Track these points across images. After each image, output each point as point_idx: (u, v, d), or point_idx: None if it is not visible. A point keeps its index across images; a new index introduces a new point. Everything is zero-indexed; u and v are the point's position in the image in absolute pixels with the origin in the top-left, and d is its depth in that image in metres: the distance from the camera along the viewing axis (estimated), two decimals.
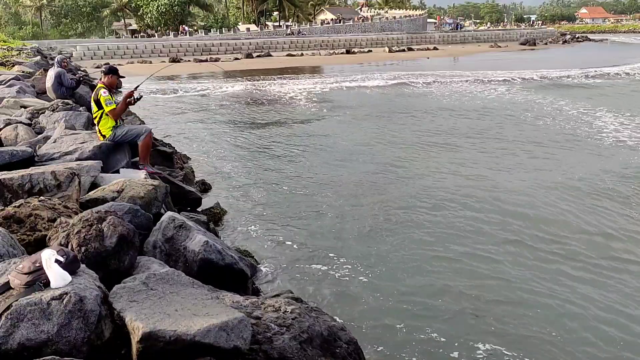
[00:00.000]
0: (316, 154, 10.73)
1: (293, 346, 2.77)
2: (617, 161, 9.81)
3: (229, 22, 70.79)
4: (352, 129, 13.53)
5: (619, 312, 4.61)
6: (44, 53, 30.16)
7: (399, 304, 4.73)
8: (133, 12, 69.23)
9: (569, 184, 8.28)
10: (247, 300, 3.23)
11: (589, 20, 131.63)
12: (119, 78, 6.59)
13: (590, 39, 73.20)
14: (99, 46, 44.87)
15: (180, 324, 2.47)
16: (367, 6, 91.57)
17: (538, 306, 4.69)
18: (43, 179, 4.21)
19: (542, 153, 10.49)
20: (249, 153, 10.99)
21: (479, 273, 5.33)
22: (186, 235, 3.94)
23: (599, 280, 5.19)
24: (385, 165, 9.63)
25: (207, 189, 8.17)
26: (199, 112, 16.79)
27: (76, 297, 2.45)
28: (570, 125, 13.50)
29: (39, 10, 70.05)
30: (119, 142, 6.16)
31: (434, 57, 44.21)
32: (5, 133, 6.52)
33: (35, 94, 10.41)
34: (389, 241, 6.15)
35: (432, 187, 8.19)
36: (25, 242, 3.36)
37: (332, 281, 5.17)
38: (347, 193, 7.99)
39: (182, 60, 41.46)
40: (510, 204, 7.37)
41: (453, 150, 10.84)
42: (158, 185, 4.64)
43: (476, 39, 66.93)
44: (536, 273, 5.32)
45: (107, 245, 3.13)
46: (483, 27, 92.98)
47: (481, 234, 6.36)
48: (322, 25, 67.68)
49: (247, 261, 4.34)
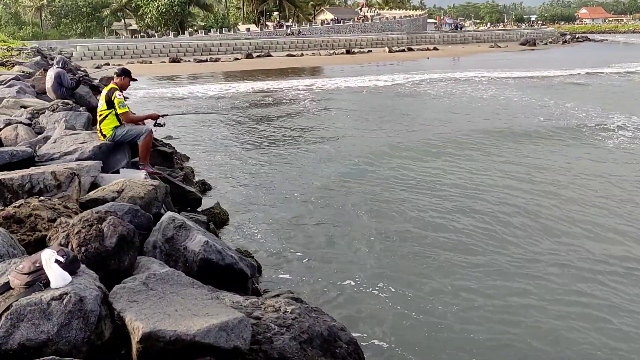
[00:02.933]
0: (317, 155, 10.73)
1: (293, 346, 2.77)
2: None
3: (229, 22, 70.85)
4: (354, 130, 13.53)
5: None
6: (44, 53, 30.15)
7: (400, 304, 4.73)
8: (133, 12, 69.29)
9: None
10: (247, 300, 3.23)
11: (589, 21, 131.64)
12: (131, 80, 6.61)
13: (590, 39, 73.23)
14: (99, 46, 44.91)
15: (180, 324, 2.47)
16: (367, 6, 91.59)
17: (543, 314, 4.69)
18: (43, 179, 4.21)
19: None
20: (249, 153, 10.98)
21: (480, 272, 5.34)
22: (186, 236, 3.93)
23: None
24: (386, 166, 9.63)
25: (207, 189, 8.16)
26: (200, 113, 16.80)
27: (76, 297, 2.45)
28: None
29: (39, 11, 70.07)
30: (119, 142, 6.16)
31: (434, 57, 44.23)
32: (5, 133, 6.51)
33: (35, 94, 10.39)
34: (390, 241, 6.15)
35: (439, 193, 8.08)
36: (25, 242, 3.36)
37: (333, 281, 5.17)
38: (347, 194, 7.99)
39: (182, 61, 41.52)
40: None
41: (456, 150, 10.84)
42: (158, 185, 4.64)
43: (476, 39, 66.95)
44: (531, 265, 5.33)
45: (107, 246, 3.13)
46: (483, 28, 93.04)
47: (481, 234, 6.37)
48: (322, 26, 67.72)
49: (247, 261, 4.34)
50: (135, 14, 68.41)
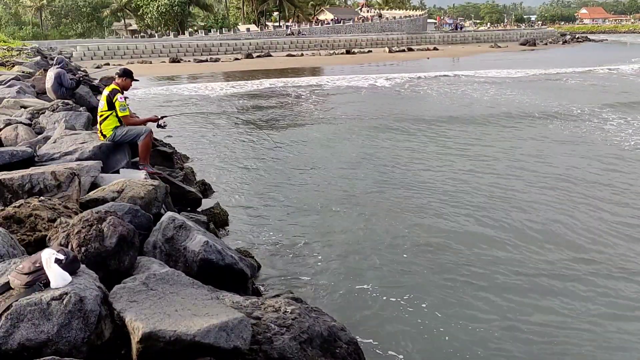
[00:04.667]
0: (317, 155, 10.73)
1: (293, 346, 2.77)
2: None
3: (229, 22, 70.83)
4: (355, 130, 13.51)
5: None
6: (44, 53, 30.15)
7: (400, 305, 4.73)
8: (133, 12, 69.27)
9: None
10: (247, 300, 3.23)
11: (589, 21, 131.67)
12: (132, 81, 6.61)
13: (590, 40, 73.26)
14: (99, 46, 44.93)
15: (180, 324, 2.47)
16: (367, 6, 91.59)
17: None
18: (43, 179, 4.21)
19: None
20: (250, 153, 10.98)
21: (481, 272, 5.34)
22: (186, 236, 3.93)
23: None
24: (387, 167, 9.63)
25: (207, 189, 8.16)
26: (199, 113, 16.81)
27: (76, 297, 2.45)
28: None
29: (39, 11, 70.06)
30: (119, 142, 6.16)
31: (434, 57, 44.22)
32: (5, 133, 6.51)
33: (35, 94, 10.39)
34: (390, 242, 6.15)
35: (441, 194, 8.01)
36: (25, 242, 3.36)
37: (333, 281, 5.17)
38: (347, 194, 7.99)
39: (182, 61, 41.53)
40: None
41: (457, 150, 10.85)
42: (158, 185, 4.64)
43: (476, 40, 66.97)
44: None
45: (107, 246, 3.13)
46: (483, 28, 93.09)
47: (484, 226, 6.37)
48: (322, 26, 67.70)
49: (247, 261, 4.34)
50: (135, 14, 68.39)
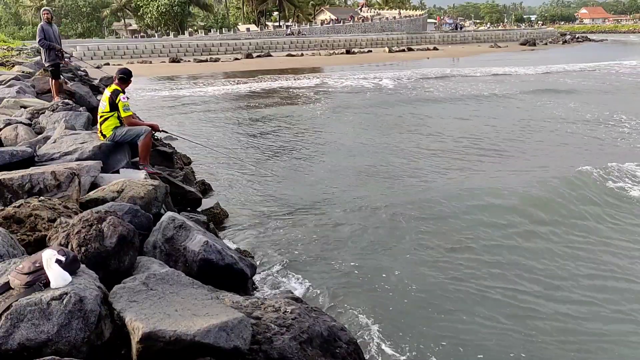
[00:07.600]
0: (317, 155, 10.73)
1: (293, 346, 2.77)
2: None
3: (229, 22, 70.84)
4: (354, 131, 13.51)
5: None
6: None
7: (401, 305, 4.73)
8: (133, 12, 69.27)
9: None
10: (247, 300, 3.23)
11: (589, 21, 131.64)
12: (130, 78, 6.59)
13: (590, 39, 73.23)
14: (99, 46, 44.89)
15: (180, 324, 2.47)
16: (367, 6, 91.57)
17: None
18: (43, 179, 4.21)
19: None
20: (249, 153, 10.98)
21: (482, 272, 5.34)
22: (186, 236, 3.94)
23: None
24: (387, 166, 9.63)
25: (207, 189, 8.16)
26: (199, 113, 16.81)
27: (76, 297, 2.45)
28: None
29: (39, 11, 69.95)
30: (119, 142, 6.15)
31: (434, 57, 44.19)
32: (5, 133, 6.51)
33: (35, 94, 10.39)
34: (391, 242, 6.15)
35: (439, 193, 8.01)
36: (25, 242, 3.36)
37: (333, 281, 5.17)
38: (347, 193, 7.99)
39: (182, 61, 41.51)
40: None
41: (458, 152, 10.85)
42: (158, 185, 4.64)
43: (476, 39, 66.93)
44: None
45: (107, 246, 3.13)
46: (483, 28, 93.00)
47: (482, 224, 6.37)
48: (322, 26, 67.70)
49: (247, 261, 4.34)
50: (135, 14, 68.38)
